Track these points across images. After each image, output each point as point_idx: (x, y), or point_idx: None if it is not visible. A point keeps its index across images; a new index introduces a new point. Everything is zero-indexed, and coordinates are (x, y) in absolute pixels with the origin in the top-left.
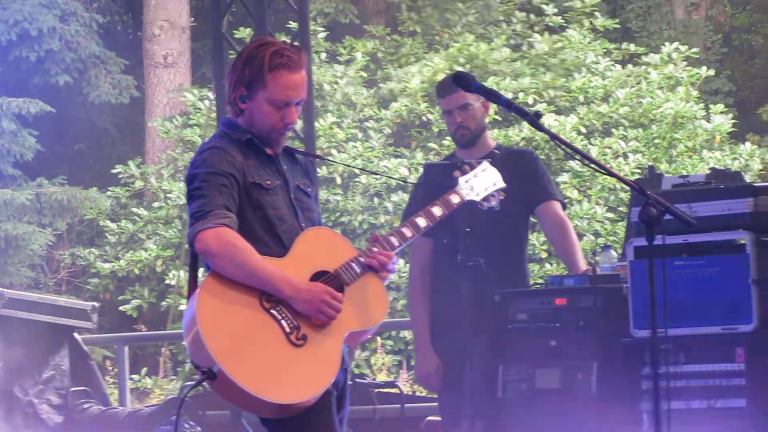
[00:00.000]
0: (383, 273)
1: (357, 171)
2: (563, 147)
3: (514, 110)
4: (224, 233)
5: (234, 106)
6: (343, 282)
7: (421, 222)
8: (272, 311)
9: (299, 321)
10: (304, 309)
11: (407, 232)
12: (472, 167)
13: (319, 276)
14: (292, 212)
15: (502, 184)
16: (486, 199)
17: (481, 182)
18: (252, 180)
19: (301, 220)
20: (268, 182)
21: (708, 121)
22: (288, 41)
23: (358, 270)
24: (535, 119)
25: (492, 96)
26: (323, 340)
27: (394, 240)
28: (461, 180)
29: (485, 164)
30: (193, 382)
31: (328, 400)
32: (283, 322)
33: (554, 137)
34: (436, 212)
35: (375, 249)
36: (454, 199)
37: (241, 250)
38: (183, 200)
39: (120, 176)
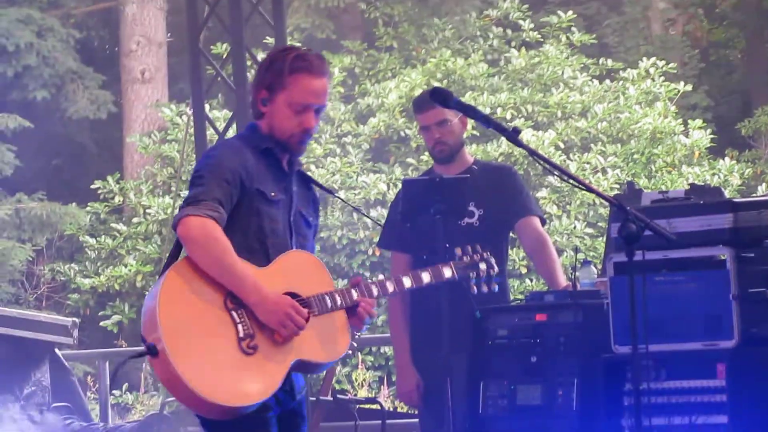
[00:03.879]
0: (356, 321)
1: (336, 186)
2: (542, 162)
3: (492, 126)
4: (209, 225)
5: (255, 109)
6: (311, 310)
7: (407, 282)
8: (233, 313)
9: (256, 330)
10: (267, 319)
11: (390, 287)
12: (479, 255)
13: (290, 296)
14: (288, 230)
15: (496, 278)
16: (477, 285)
17: (478, 266)
18: (258, 187)
19: (294, 242)
20: (273, 194)
21: (686, 137)
22: (311, 49)
23: (329, 305)
24: (513, 135)
25: (470, 111)
26: (272, 357)
27: (374, 290)
28: (459, 257)
29: (490, 255)
30: (137, 352)
31: (266, 416)
32: (239, 326)
33: (533, 153)
34: (425, 278)
35: (354, 293)
36: (447, 272)
37: (221, 245)
38: (162, 216)
39: (99, 192)
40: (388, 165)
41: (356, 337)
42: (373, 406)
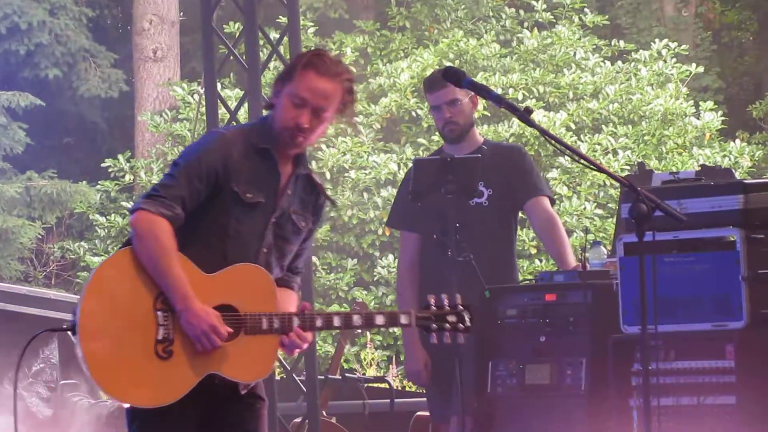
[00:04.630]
0: (286, 350)
1: (346, 166)
2: (554, 143)
3: (504, 105)
4: (157, 223)
5: (269, 100)
6: (243, 328)
7: (357, 321)
8: (159, 313)
9: (177, 336)
10: (187, 329)
11: (336, 322)
12: (451, 308)
13: (225, 309)
14: (259, 235)
15: (467, 331)
16: (439, 336)
17: (445, 318)
18: (234, 186)
19: (266, 245)
20: (249, 196)
21: (698, 118)
22: (339, 58)
23: (264, 327)
24: (525, 115)
25: (482, 91)
26: (185, 366)
27: (318, 322)
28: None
29: (465, 309)
30: (58, 327)
31: (183, 416)
32: (161, 328)
33: (545, 133)
34: (378, 320)
35: (296, 321)
36: (403, 319)
37: (161, 246)
38: None
39: (109, 170)
40: (399, 145)
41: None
42: (382, 385)
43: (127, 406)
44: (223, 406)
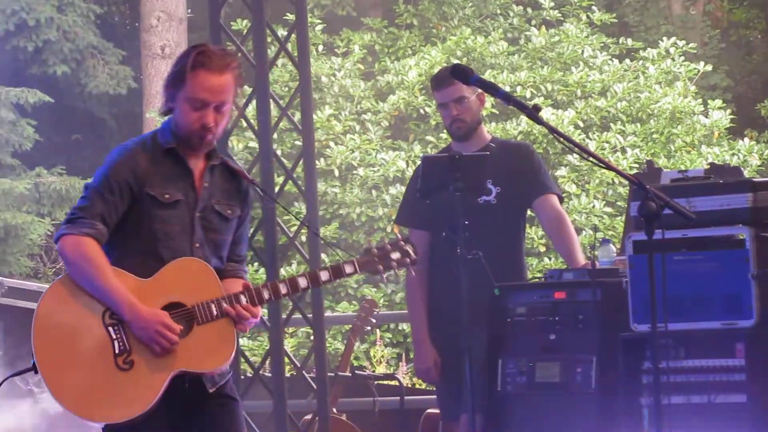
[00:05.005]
0: (240, 325)
1: (355, 163)
2: (562, 141)
3: (512, 103)
4: (84, 244)
5: (165, 107)
6: (195, 320)
7: (302, 282)
8: (110, 329)
9: (132, 345)
10: (140, 335)
11: (282, 289)
12: (392, 245)
13: (172, 307)
14: (187, 231)
15: (413, 263)
16: (388, 269)
17: (389, 257)
18: (148, 190)
19: (197, 240)
20: (167, 196)
21: (706, 117)
22: (224, 48)
23: (215, 312)
24: (533, 112)
25: (490, 89)
26: (150, 371)
27: (265, 294)
28: (368, 251)
29: (406, 242)
30: (20, 370)
31: (154, 425)
32: (115, 342)
33: (553, 131)
34: (322, 276)
35: (243, 298)
36: (348, 268)
37: (93, 265)
38: None
39: None
40: (408, 142)
41: (375, 313)
42: (392, 383)
43: (101, 425)
44: (194, 409)
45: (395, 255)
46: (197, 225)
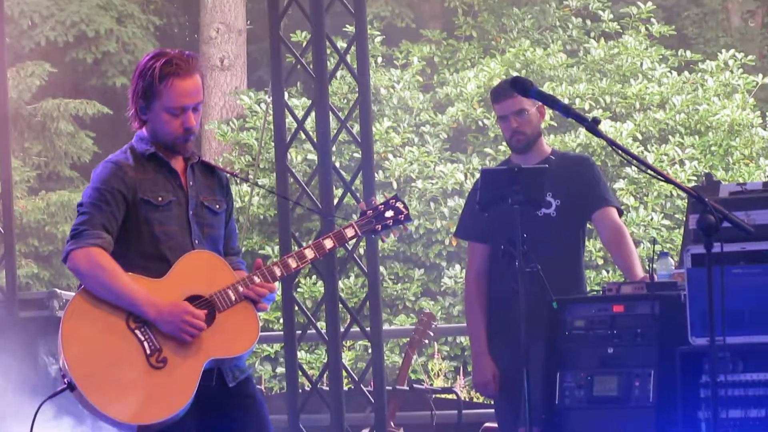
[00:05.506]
0: (260, 305)
1: (413, 176)
2: (621, 153)
3: (572, 116)
4: (94, 254)
5: (137, 119)
6: (216, 308)
7: (309, 254)
8: (137, 332)
9: (162, 344)
10: (168, 329)
11: (292, 263)
12: (384, 204)
13: (192, 300)
14: (185, 229)
15: (407, 219)
16: (386, 228)
17: (383, 215)
18: (142, 196)
19: (196, 237)
20: (160, 198)
21: (764, 129)
22: (180, 50)
23: (233, 297)
24: (593, 125)
25: (550, 101)
26: (183, 364)
27: (276, 271)
28: (363, 213)
29: (396, 200)
30: (57, 390)
31: (183, 423)
32: (145, 343)
33: (612, 143)
34: (327, 244)
35: (257, 279)
36: (349, 232)
37: (107, 271)
38: (240, 203)
39: None
40: (466, 155)
41: (433, 326)
42: (449, 396)
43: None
44: (217, 411)
45: (389, 213)
46: (193, 222)
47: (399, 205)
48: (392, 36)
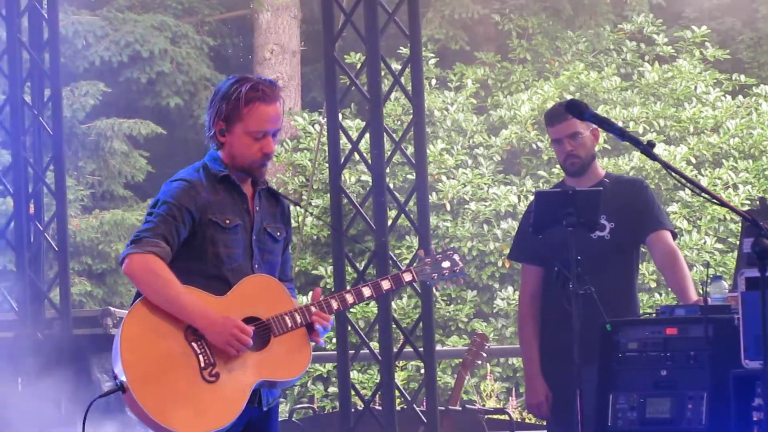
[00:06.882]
0: (314, 336)
1: (467, 198)
2: (676, 176)
3: (627, 139)
4: (150, 260)
5: (215, 140)
6: (272, 332)
7: (366, 292)
8: (193, 344)
9: (216, 358)
10: (215, 341)
11: (349, 299)
12: (442, 254)
13: (249, 321)
14: (247, 253)
15: (461, 273)
16: (441, 279)
17: (440, 266)
18: (211, 217)
19: (256, 261)
20: (228, 221)
21: None
22: (262, 77)
23: (289, 324)
24: (648, 148)
25: (605, 124)
26: (234, 381)
27: (333, 304)
28: (422, 258)
29: (453, 252)
30: (107, 390)
31: None
32: (200, 356)
33: (667, 166)
34: (384, 285)
35: (313, 309)
36: (407, 276)
37: (162, 278)
38: (295, 223)
39: None
40: (519, 177)
41: (486, 347)
42: (502, 417)
43: None
44: (253, 427)
45: (446, 264)
46: (255, 247)
47: (456, 257)
48: (446, 58)
